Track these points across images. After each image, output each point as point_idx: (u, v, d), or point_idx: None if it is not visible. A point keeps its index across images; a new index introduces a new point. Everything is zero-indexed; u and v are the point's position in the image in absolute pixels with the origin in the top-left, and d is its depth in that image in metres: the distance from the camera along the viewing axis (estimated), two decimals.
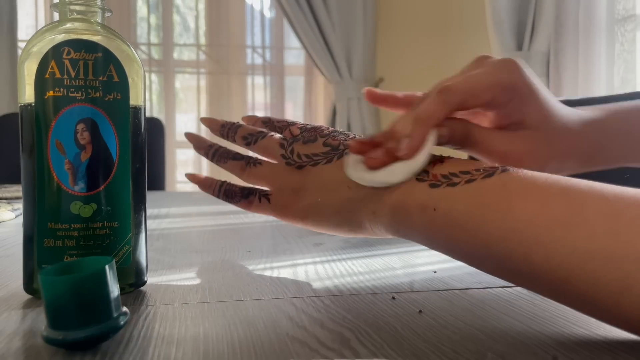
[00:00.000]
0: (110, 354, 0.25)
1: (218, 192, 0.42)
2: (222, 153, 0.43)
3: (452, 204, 0.31)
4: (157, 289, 0.36)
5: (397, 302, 0.33)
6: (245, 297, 0.35)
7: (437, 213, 0.31)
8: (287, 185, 0.39)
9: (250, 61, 2.68)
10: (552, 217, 0.27)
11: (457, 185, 0.31)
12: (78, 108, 0.33)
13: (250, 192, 0.41)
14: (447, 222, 0.31)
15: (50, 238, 0.33)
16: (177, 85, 2.68)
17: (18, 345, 0.26)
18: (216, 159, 0.43)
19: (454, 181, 0.31)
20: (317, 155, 0.39)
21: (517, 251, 0.27)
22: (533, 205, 0.28)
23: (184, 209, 0.90)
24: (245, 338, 0.27)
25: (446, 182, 0.31)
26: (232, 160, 0.42)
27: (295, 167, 0.39)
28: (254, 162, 0.42)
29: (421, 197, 0.32)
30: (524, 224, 0.27)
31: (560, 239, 0.26)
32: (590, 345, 0.26)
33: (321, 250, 0.50)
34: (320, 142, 0.39)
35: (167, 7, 2.58)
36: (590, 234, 0.25)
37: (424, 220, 0.32)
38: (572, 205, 0.27)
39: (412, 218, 0.32)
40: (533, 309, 0.31)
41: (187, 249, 0.51)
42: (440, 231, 0.31)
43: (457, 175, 0.31)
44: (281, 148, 0.40)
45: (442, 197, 0.31)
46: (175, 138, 2.61)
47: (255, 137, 0.42)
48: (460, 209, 0.30)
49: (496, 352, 0.25)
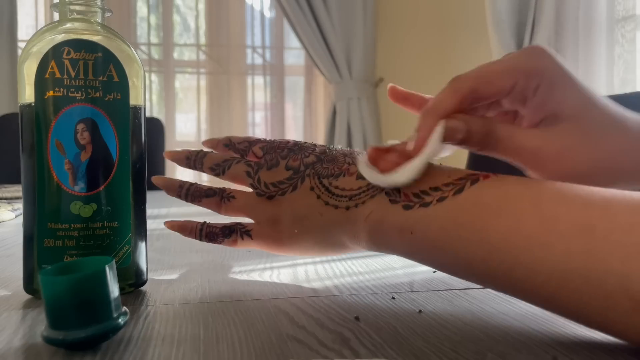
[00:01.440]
0: (110, 354, 0.25)
1: (200, 236, 0.40)
2: (194, 192, 0.41)
3: (428, 225, 0.30)
4: (157, 289, 0.36)
5: (397, 302, 0.33)
6: (245, 297, 0.35)
7: (414, 236, 0.30)
8: (264, 218, 0.38)
9: (250, 61, 2.68)
10: (528, 236, 0.26)
11: (429, 206, 0.30)
12: (78, 108, 0.33)
13: (232, 231, 0.39)
14: (426, 245, 0.30)
15: (50, 238, 0.33)
16: (177, 85, 2.68)
17: (18, 345, 0.26)
18: (190, 199, 0.41)
19: (426, 201, 0.30)
20: (282, 182, 0.37)
21: (499, 271, 0.27)
22: (506, 223, 0.27)
23: (184, 209, 0.90)
24: (245, 338, 0.27)
25: (418, 202, 0.30)
26: (205, 198, 0.41)
27: (266, 198, 0.38)
28: (227, 196, 0.40)
29: (397, 220, 0.31)
30: (501, 244, 0.27)
31: (539, 259, 0.25)
32: (590, 345, 0.26)
33: None
34: (282, 167, 0.38)
35: (167, 7, 2.58)
36: (567, 252, 0.25)
37: (402, 242, 0.31)
38: (545, 220, 0.26)
39: (392, 239, 0.32)
40: (533, 309, 0.31)
41: (187, 249, 0.51)
42: (421, 252, 0.31)
43: (428, 194, 0.30)
44: (248, 177, 0.39)
45: (417, 220, 0.30)
46: (175, 138, 2.61)
47: (222, 167, 0.40)
48: (436, 230, 0.29)
49: (496, 352, 0.25)
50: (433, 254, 0.30)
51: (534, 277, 0.26)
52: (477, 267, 0.28)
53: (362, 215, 0.33)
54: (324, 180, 0.36)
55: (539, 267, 0.25)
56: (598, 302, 0.24)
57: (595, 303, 0.24)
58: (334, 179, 0.35)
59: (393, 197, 0.32)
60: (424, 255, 0.31)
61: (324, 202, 0.35)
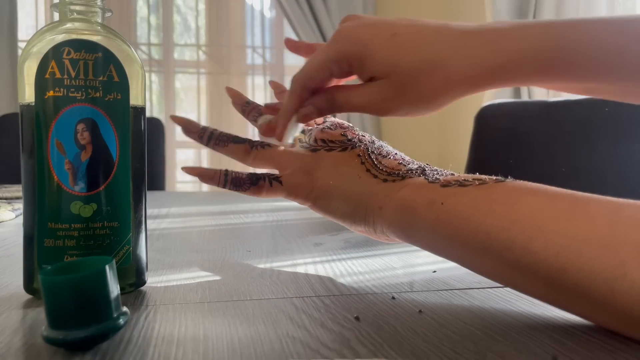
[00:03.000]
0: (110, 354, 0.25)
1: (224, 182, 0.40)
2: (219, 136, 0.41)
3: (460, 198, 0.32)
4: (157, 289, 0.36)
5: (397, 302, 0.33)
6: (245, 297, 0.35)
7: (443, 207, 0.32)
8: (300, 167, 0.40)
9: (250, 61, 2.68)
10: (556, 210, 0.28)
11: (468, 186, 0.32)
12: (78, 108, 0.33)
13: (259, 178, 0.40)
14: (452, 215, 0.32)
15: (51, 238, 0.33)
16: (178, 85, 2.68)
17: (18, 345, 0.26)
18: (213, 143, 0.41)
19: (466, 184, 0.33)
20: (333, 142, 0.41)
21: (517, 240, 0.28)
22: (539, 200, 0.29)
23: (184, 209, 0.90)
24: (245, 338, 0.27)
25: (457, 184, 0.33)
26: (233, 144, 0.41)
27: (310, 150, 0.41)
28: (260, 144, 0.41)
29: (431, 194, 0.34)
30: (527, 216, 0.28)
31: (561, 229, 0.27)
32: (590, 345, 0.26)
33: (321, 250, 0.50)
34: (338, 132, 0.41)
35: (168, 7, 2.58)
36: (590, 223, 0.26)
37: (429, 214, 0.33)
38: (577, 202, 0.28)
39: (418, 212, 0.34)
40: (533, 309, 0.31)
41: (187, 249, 0.51)
42: (444, 224, 0.32)
43: (470, 181, 0.33)
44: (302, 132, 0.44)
45: (451, 194, 0.33)
46: (175, 138, 2.61)
47: None
48: (466, 202, 0.31)
49: (496, 352, 0.25)
50: (455, 225, 0.32)
51: (551, 246, 0.27)
52: (495, 237, 0.29)
53: (396, 187, 0.36)
54: (371, 154, 0.39)
55: (558, 237, 0.27)
56: (609, 272, 0.25)
57: (607, 273, 0.25)
58: (382, 157, 0.39)
59: (432, 180, 0.35)
60: (445, 227, 0.32)
61: (366, 168, 0.39)
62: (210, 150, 0.49)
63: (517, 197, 0.30)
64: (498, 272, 0.30)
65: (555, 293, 0.28)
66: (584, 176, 0.96)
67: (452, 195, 0.32)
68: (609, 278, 0.25)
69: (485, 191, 0.31)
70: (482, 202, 0.31)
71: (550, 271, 0.27)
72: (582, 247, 0.26)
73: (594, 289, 0.25)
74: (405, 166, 0.38)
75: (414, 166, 0.38)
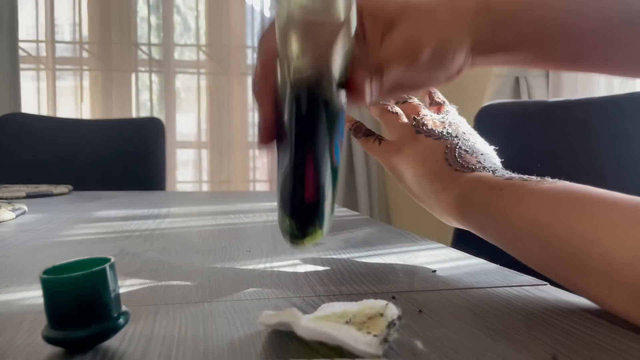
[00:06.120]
0: (110, 354, 0.25)
1: (352, 125, 0.52)
2: None
3: (519, 189, 0.36)
4: (157, 289, 0.36)
5: (397, 301, 0.33)
6: (245, 297, 0.35)
7: (502, 192, 0.37)
8: (398, 139, 0.48)
9: (251, 61, 2.68)
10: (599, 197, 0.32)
11: (528, 181, 0.37)
12: None
13: (370, 134, 0.51)
14: (506, 200, 0.36)
15: None
16: (178, 85, 2.68)
17: (18, 345, 0.26)
18: None
19: (527, 179, 0.37)
20: (433, 131, 0.46)
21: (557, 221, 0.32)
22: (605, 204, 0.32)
23: (184, 209, 0.90)
24: (245, 338, 0.27)
25: (520, 179, 0.37)
26: None
27: (415, 131, 0.47)
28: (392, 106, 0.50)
29: (493, 183, 0.39)
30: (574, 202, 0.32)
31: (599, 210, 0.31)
32: (590, 345, 0.26)
33: (321, 250, 0.50)
34: (442, 126, 0.47)
35: (168, 7, 2.58)
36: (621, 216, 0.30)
37: (489, 196, 0.38)
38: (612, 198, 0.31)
39: (479, 192, 0.39)
40: (533, 309, 0.31)
41: (187, 249, 0.51)
42: (498, 205, 0.37)
43: (533, 178, 0.37)
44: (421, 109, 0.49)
45: (511, 185, 0.37)
46: (176, 138, 2.61)
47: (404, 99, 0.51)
48: (524, 192, 0.36)
49: (496, 352, 0.25)
50: (508, 206, 0.36)
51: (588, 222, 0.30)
52: (541, 218, 0.33)
53: (464, 175, 0.42)
54: (458, 148, 0.45)
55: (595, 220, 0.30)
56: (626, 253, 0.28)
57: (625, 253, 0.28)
58: (466, 153, 0.44)
59: (499, 175, 0.40)
60: (499, 208, 0.37)
61: (445, 157, 0.44)
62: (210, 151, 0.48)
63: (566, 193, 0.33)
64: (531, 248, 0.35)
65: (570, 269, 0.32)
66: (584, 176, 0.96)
67: (512, 185, 0.37)
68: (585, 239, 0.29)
69: (543, 186, 0.35)
70: (537, 192, 0.35)
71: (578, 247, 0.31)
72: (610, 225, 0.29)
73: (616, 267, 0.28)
74: (482, 163, 0.43)
75: (489, 164, 0.43)
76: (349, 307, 0.27)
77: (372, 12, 0.39)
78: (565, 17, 0.39)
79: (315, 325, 0.24)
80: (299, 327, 0.25)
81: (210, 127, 2.64)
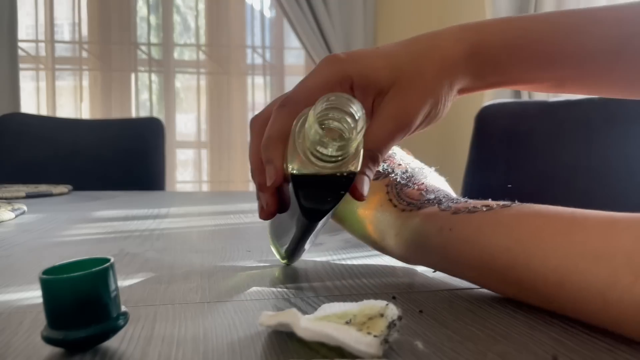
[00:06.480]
0: (110, 354, 0.25)
1: None
2: None
3: (467, 224, 0.34)
4: (157, 289, 0.36)
5: (398, 302, 0.33)
6: (245, 297, 0.35)
7: (452, 233, 0.34)
8: None
9: (250, 61, 2.68)
10: (555, 229, 0.29)
11: (476, 213, 0.34)
12: None
13: None
14: (460, 240, 0.34)
15: None
16: (178, 85, 2.68)
17: (18, 345, 0.26)
18: None
19: (474, 210, 0.34)
20: None
21: (519, 259, 0.30)
22: (540, 221, 0.30)
23: (184, 209, 0.90)
24: (245, 338, 0.27)
25: (466, 211, 0.35)
26: None
27: None
28: None
29: (441, 222, 0.35)
30: (528, 235, 0.30)
31: (559, 244, 0.28)
32: (590, 345, 0.26)
33: (321, 250, 0.50)
34: None
35: (167, 7, 2.58)
36: (585, 237, 0.27)
37: (439, 240, 0.35)
38: (575, 218, 0.29)
39: (429, 239, 0.36)
40: (533, 309, 0.31)
41: (187, 249, 0.51)
42: (454, 249, 0.34)
43: (479, 207, 0.34)
44: None
45: (459, 220, 0.34)
46: (175, 138, 2.61)
47: None
48: (473, 227, 0.33)
49: (496, 352, 0.25)
50: (463, 250, 0.33)
51: (549, 261, 0.28)
52: (499, 258, 0.31)
53: (412, 216, 0.38)
54: (397, 185, 0.42)
55: (556, 252, 0.28)
56: (602, 282, 0.25)
57: (599, 284, 0.25)
58: (407, 187, 0.42)
59: (444, 208, 0.37)
60: (454, 252, 0.34)
61: (388, 198, 0.41)
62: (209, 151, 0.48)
63: (519, 219, 0.31)
64: (504, 290, 0.33)
65: (555, 307, 0.29)
66: (584, 176, 0.96)
67: (460, 222, 0.34)
68: (601, 289, 0.25)
69: (491, 216, 0.33)
70: (487, 225, 0.32)
71: (548, 286, 0.28)
72: (578, 260, 0.27)
73: (589, 300, 0.26)
74: (424, 196, 0.40)
75: (432, 196, 0.40)
76: (349, 307, 0.27)
77: (362, 84, 0.38)
78: (548, 48, 0.40)
79: (315, 325, 0.24)
80: (299, 327, 0.25)
81: (210, 127, 2.64)
